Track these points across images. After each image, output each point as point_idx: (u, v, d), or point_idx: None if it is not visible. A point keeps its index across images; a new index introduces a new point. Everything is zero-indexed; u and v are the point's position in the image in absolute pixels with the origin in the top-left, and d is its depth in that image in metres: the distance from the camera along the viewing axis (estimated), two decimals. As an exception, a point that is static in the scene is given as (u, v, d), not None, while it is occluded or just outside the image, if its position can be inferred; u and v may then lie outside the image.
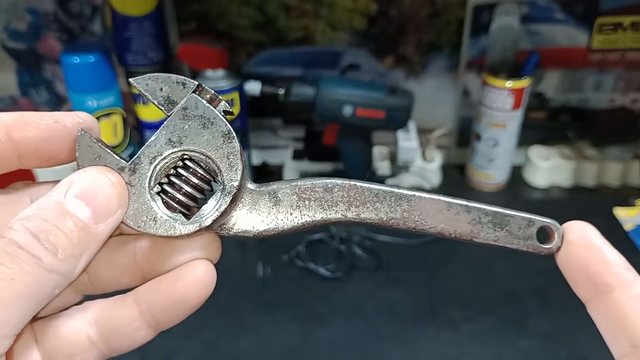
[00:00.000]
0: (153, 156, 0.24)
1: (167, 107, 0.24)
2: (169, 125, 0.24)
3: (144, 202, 0.24)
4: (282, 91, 0.75)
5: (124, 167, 0.24)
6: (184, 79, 0.24)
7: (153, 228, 0.23)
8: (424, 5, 0.82)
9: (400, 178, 0.87)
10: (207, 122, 0.24)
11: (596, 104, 0.90)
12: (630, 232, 0.77)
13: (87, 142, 0.24)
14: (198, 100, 0.24)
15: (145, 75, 0.25)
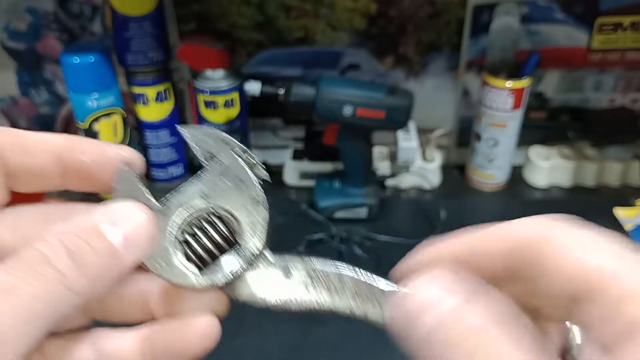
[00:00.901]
0: (185, 206, 0.24)
1: (207, 159, 0.25)
2: (204, 179, 0.25)
3: (165, 247, 0.24)
4: (282, 91, 0.75)
5: (152, 206, 0.24)
6: (230, 139, 0.25)
7: (168, 274, 0.24)
8: (424, 5, 0.82)
9: (400, 178, 0.87)
10: (241, 185, 0.25)
11: (596, 104, 0.90)
12: (630, 232, 0.77)
13: (126, 178, 0.25)
14: (238, 161, 0.25)
15: (194, 125, 0.25)
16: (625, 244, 0.20)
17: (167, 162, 0.88)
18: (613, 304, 0.18)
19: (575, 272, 0.19)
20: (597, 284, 0.19)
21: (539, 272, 0.20)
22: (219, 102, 0.80)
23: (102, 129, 0.79)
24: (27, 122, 0.91)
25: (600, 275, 0.19)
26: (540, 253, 0.20)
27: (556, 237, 0.21)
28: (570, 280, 0.19)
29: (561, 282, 0.20)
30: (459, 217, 0.81)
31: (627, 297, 0.18)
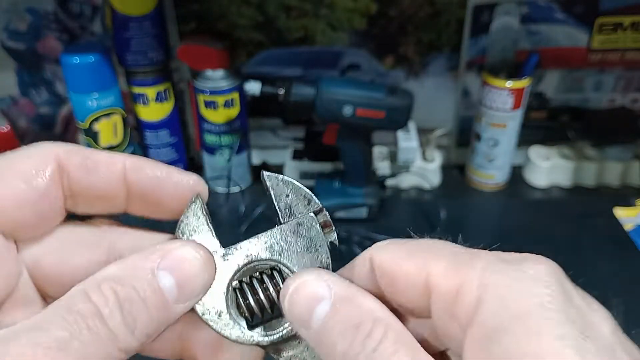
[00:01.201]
0: (249, 254, 0.24)
1: (284, 213, 0.25)
2: (277, 233, 0.24)
3: (218, 293, 0.23)
4: (282, 91, 0.75)
5: (217, 250, 0.24)
6: (311, 196, 0.25)
7: (215, 322, 0.23)
8: (424, 5, 0.82)
9: (400, 178, 0.87)
10: (312, 247, 0.24)
11: (596, 104, 0.90)
12: (630, 232, 0.77)
13: (197, 211, 0.24)
14: (314, 223, 0.25)
15: (279, 175, 0.25)
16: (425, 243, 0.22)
17: (167, 162, 0.88)
18: (448, 301, 0.20)
19: (410, 281, 0.21)
20: (429, 287, 0.21)
21: (396, 290, 0.22)
22: (219, 102, 0.80)
23: (102, 129, 0.79)
24: (27, 122, 0.91)
25: (427, 279, 0.21)
26: (383, 275, 0.23)
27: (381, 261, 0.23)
28: (408, 288, 0.22)
29: (409, 296, 0.22)
30: (459, 217, 0.81)
31: (458, 292, 0.20)
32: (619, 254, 0.74)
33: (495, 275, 0.19)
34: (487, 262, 0.20)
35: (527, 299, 0.18)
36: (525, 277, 0.19)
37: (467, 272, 0.20)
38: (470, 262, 0.20)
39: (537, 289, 0.18)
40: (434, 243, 0.22)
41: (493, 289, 0.19)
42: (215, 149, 0.85)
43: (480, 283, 0.19)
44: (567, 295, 0.19)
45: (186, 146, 0.91)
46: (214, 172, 0.87)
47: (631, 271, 0.71)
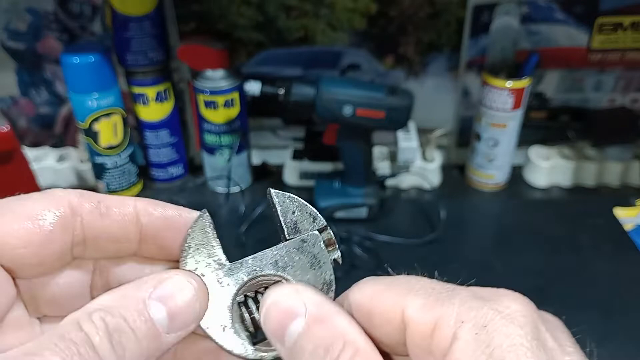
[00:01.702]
0: (253, 269, 0.24)
1: (290, 229, 0.25)
2: (282, 249, 0.25)
3: (222, 307, 0.24)
4: (282, 91, 0.75)
5: (223, 264, 0.24)
6: (316, 214, 0.25)
7: (218, 336, 0.24)
8: (424, 5, 0.82)
9: (400, 178, 0.87)
10: (315, 264, 0.25)
11: (596, 104, 0.90)
12: (630, 232, 0.77)
13: (204, 226, 0.25)
14: (318, 240, 0.25)
15: (286, 193, 0.26)
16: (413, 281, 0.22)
17: (167, 162, 0.88)
18: (423, 336, 0.20)
19: (386, 318, 0.22)
20: (405, 322, 0.21)
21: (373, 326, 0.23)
22: (219, 102, 0.80)
23: (102, 129, 0.79)
24: (27, 122, 0.91)
25: (403, 315, 0.21)
26: (359, 311, 0.23)
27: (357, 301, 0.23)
28: (383, 325, 0.22)
29: (383, 332, 0.22)
30: (459, 217, 0.81)
31: (434, 328, 0.20)
32: (619, 254, 0.74)
33: (471, 312, 0.20)
34: (463, 298, 0.20)
35: (502, 338, 0.19)
36: (500, 316, 0.19)
37: (443, 308, 0.20)
38: (447, 298, 0.20)
39: (511, 329, 0.19)
40: (410, 279, 0.23)
41: (468, 326, 0.19)
42: (215, 149, 0.85)
43: (457, 320, 0.19)
44: (540, 337, 0.19)
45: (186, 146, 0.91)
46: (214, 172, 0.87)
47: (631, 271, 0.71)
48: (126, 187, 0.85)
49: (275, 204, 0.25)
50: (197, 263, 0.24)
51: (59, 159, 0.89)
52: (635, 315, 0.64)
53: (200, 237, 0.24)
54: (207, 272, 0.24)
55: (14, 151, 0.69)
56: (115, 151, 0.82)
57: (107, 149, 0.81)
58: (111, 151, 0.81)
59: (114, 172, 0.83)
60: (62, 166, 0.88)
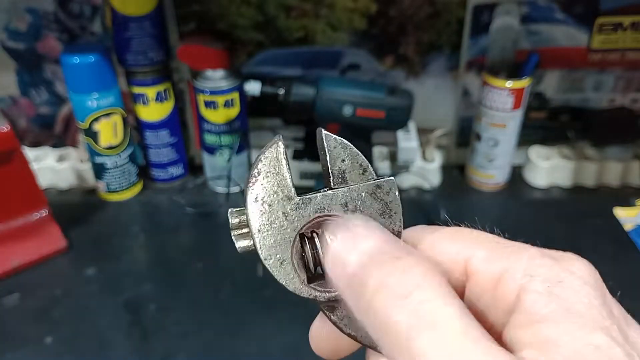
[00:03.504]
0: (322, 207, 0.23)
1: (337, 178, 0.24)
2: (354, 192, 0.24)
3: (284, 240, 0.23)
4: (282, 91, 0.75)
5: (291, 197, 0.23)
6: (368, 166, 0.24)
7: (276, 269, 0.23)
8: (424, 5, 0.82)
9: (400, 178, 0.87)
10: (387, 212, 0.24)
11: (596, 104, 0.90)
12: (630, 232, 0.77)
13: (278, 153, 0.23)
14: (394, 188, 0.24)
15: (338, 137, 0.24)
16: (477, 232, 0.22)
17: (167, 162, 0.88)
18: (487, 286, 0.20)
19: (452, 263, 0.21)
20: (468, 273, 0.21)
21: None
22: (219, 102, 0.80)
23: (102, 129, 0.79)
24: (27, 122, 0.91)
25: (466, 265, 0.21)
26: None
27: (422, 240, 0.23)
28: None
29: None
30: (459, 217, 0.81)
31: (499, 279, 0.20)
32: (619, 254, 0.74)
33: (541, 268, 0.19)
34: (532, 254, 0.20)
35: (578, 296, 0.18)
36: (574, 276, 0.19)
37: (510, 261, 0.20)
38: (514, 253, 0.20)
39: (586, 289, 0.19)
40: (473, 231, 0.23)
41: (539, 280, 0.19)
42: (215, 149, 0.85)
43: (525, 274, 0.19)
44: (607, 304, 0.19)
45: (186, 146, 0.91)
46: (214, 172, 0.87)
47: (631, 271, 0.71)
48: (126, 187, 0.85)
49: (325, 147, 0.24)
50: (265, 191, 0.23)
51: (59, 159, 0.89)
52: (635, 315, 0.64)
53: (272, 164, 0.23)
54: (274, 202, 0.23)
55: (14, 151, 0.69)
56: (115, 151, 0.82)
57: (107, 149, 0.81)
58: (111, 151, 0.81)
59: (114, 172, 0.83)
60: (62, 166, 0.88)
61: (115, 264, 0.73)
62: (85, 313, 0.66)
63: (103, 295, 0.69)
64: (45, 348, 0.61)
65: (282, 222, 0.23)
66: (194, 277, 0.71)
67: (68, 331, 0.63)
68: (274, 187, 0.23)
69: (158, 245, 0.78)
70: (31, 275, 0.71)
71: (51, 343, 0.62)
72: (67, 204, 0.85)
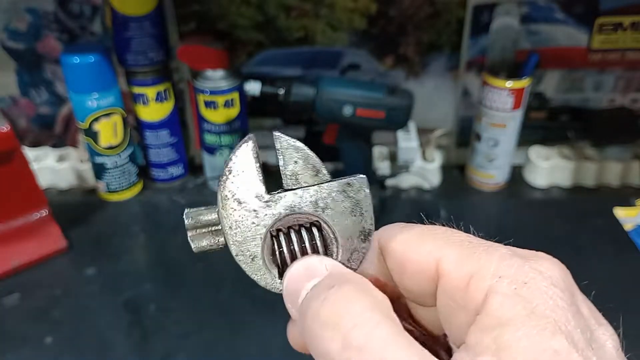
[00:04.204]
0: (292, 205, 0.24)
1: (289, 179, 0.24)
2: (324, 190, 0.24)
3: (255, 237, 0.24)
4: (282, 91, 0.75)
5: (261, 195, 0.24)
6: (320, 166, 0.24)
7: (247, 265, 0.24)
8: (424, 5, 0.82)
9: (400, 178, 0.87)
10: (357, 209, 0.24)
11: (596, 104, 0.90)
12: (630, 232, 0.77)
13: (248, 152, 0.24)
14: (364, 186, 0.24)
15: (291, 139, 0.25)
16: (450, 232, 0.22)
17: (167, 162, 0.88)
18: (457, 287, 0.20)
19: (419, 267, 0.22)
20: (439, 273, 0.21)
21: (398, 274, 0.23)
22: (219, 102, 0.80)
23: (102, 129, 0.79)
24: (27, 122, 0.91)
25: (437, 265, 0.21)
26: (391, 257, 0.23)
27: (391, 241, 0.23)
28: (417, 274, 0.22)
29: (415, 280, 0.22)
30: (459, 217, 0.81)
31: (469, 280, 0.20)
32: (619, 254, 0.74)
33: (510, 269, 0.19)
34: (503, 255, 0.20)
35: (544, 297, 0.18)
36: (542, 276, 0.19)
37: (481, 262, 0.20)
38: (485, 253, 0.20)
39: (552, 290, 0.18)
40: (447, 230, 0.23)
41: (507, 282, 0.19)
42: (215, 149, 0.85)
43: (494, 274, 0.19)
44: (576, 304, 0.19)
45: (186, 146, 0.91)
46: (214, 172, 0.87)
47: (631, 271, 0.71)
48: (126, 187, 0.85)
49: (278, 149, 0.24)
50: (236, 189, 0.24)
51: (59, 159, 0.89)
52: (635, 315, 0.64)
53: (243, 163, 0.24)
54: (245, 199, 0.24)
55: (14, 151, 0.69)
56: (115, 151, 0.82)
57: (107, 149, 0.81)
58: (111, 151, 0.81)
59: (114, 172, 0.83)
60: (62, 166, 0.88)
61: (115, 264, 0.73)
62: (85, 313, 0.66)
63: (103, 295, 0.69)
64: (45, 348, 0.61)
65: (253, 219, 0.24)
66: (194, 277, 0.71)
67: (68, 331, 0.63)
68: (245, 185, 0.24)
69: (158, 245, 0.78)
70: (31, 275, 0.71)
71: (51, 343, 0.62)
72: (67, 204, 0.85)
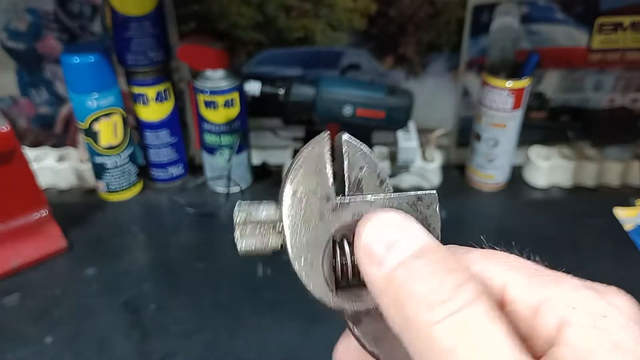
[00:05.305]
0: (360, 212, 0.22)
1: (353, 185, 0.22)
2: (394, 200, 0.22)
3: (317, 242, 0.22)
4: (282, 91, 0.75)
5: (330, 198, 0.22)
6: (386, 177, 0.23)
7: (304, 273, 0.22)
8: (424, 5, 0.82)
9: (400, 178, 0.87)
10: (425, 225, 0.22)
11: (596, 104, 0.90)
12: (630, 232, 0.77)
13: (323, 150, 0.22)
14: (435, 202, 0.23)
15: (360, 143, 0.23)
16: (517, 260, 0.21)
17: (167, 162, 0.88)
18: (524, 315, 0.19)
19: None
20: (503, 300, 0.20)
21: None
22: (219, 102, 0.80)
23: (102, 129, 0.79)
24: (27, 122, 0.91)
25: (502, 291, 0.20)
26: None
27: None
28: None
29: None
30: (459, 217, 0.81)
31: (538, 309, 0.19)
32: (619, 254, 0.74)
33: (585, 300, 0.19)
34: (574, 285, 0.19)
35: (625, 333, 0.18)
36: (615, 309, 0.18)
37: (551, 290, 0.19)
38: (554, 282, 0.20)
39: (629, 324, 0.18)
40: (509, 255, 0.22)
41: (582, 314, 0.18)
42: (215, 149, 0.85)
43: (567, 305, 0.19)
44: None
45: (186, 146, 0.91)
46: (214, 172, 0.87)
47: (631, 271, 0.71)
48: (126, 187, 0.85)
49: (345, 153, 0.22)
50: (305, 188, 0.22)
51: (59, 159, 0.89)
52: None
53: (315, 161, 0.22)
54: (312, 200, 0.22)
55: (14, 151, 0.69)
56: (115, 151, 0.82)
57: (107, 149, 0.81)
58: (111, 151, 0.81)
59: (114, 172, 0.83)
60: (62, 166, 0.88)
61: (115, 264, 0.73)
62: (85, 313, 0.66)
63: (103, 295, 0.69)
64: (45, 348, 0.61)
65: (318, 223, 0.22)
66: (194, 277, 0.71)
67: (68, 331, 0.63)
68: (314, 185, 0.22)
69: (158, 245, 0.78)
70: (31, 275, 0.71)
71: (51, 343, 0.62)
72: (67, 204, 0.85)
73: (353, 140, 0.23)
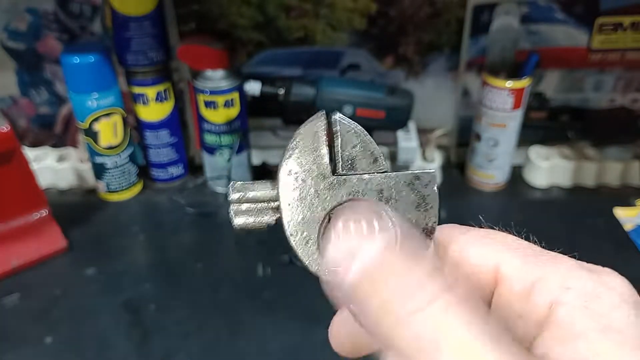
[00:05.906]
0: (356, 191, 0.22)
1: (345, 164, 0.22)
2: (391, 179, 0.22)
3: (313, 219, 0.22)
4: (282, 91, 0.75)
5: (326, 176, 0.22)
6: (380, 155, 0.23)
7: (300, 247, 0.22)
8: (424, 5, 0.82)
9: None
10: (422, 205, 0.23)
11: (596, 104, 0.90)
12: (630, 232, 0.77)
13: (318, 129, 0.23)
14: (434, 181, 0.23)
15: (352, 122, 0.23)
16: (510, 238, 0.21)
17: (167, 162, 0.88)
18: (518, 295, 0.19)
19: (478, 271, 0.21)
20: (497, 279, 0.20)
21: None
22: (219, 102, 0.80)
23: (102, 129, 0.79)
24: (27, 122, 0.91)
25: (496, 270, 0.20)
26: (448, 258, 0.22)
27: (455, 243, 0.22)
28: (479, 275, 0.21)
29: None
30: (459, 217, 0.81)
31: (532, 289, 0.19)
32: (619, 254, 0.74)
33: (579, 281, 0.19)
34: (570, 266, 0.19)
35: (617, 314, 0.18)
36: (609, 290, 0.19)
37: (546, 270, 0.19)
38: (550, 263, 0.20)
39: (625, 307, 0.18)
40: (507, 236, 0.22)
41: (576, 294, 0.18)
42: (215, 149, 0.85)
43: (561, 285, 0.19)
44: None
45: (186, 146, 0.91)
46: (214, 172, 0.87)
47: (631, 271, 0.71)
48: (126, 187, 0.85)
49: (337, 132, 0.23)
50: (300, 166, 0.22)
51: (59, 159, 0.89)
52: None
53: (311, 140, 0.23)
54: (308, 178, 0.22)
55: (14, 151, 0.69)
56: (115, 151, 0.82)
57: (107, 149, 0.81)
58: (111, 151, 0.81)
59: (114, 172, 0.83)
60: (62, 166, 0.88)
61: (115, 264, 0.73)
62: (85, 313, 0.66)
63: (103, 295, 0.69)
64: (45, 348, 0.61)
65: (313, 200, 0.22)
66: (194, 277, 0.71)
67: (68, 331, 0.63)
68: (310, 163, 0.23)
69: (158, 245, 0.78)
70: (31, 275, 0.71)
71: (51, 343, 0.62)
72: (67, 204, 0.85)
73: (345, 120, 0.23)
